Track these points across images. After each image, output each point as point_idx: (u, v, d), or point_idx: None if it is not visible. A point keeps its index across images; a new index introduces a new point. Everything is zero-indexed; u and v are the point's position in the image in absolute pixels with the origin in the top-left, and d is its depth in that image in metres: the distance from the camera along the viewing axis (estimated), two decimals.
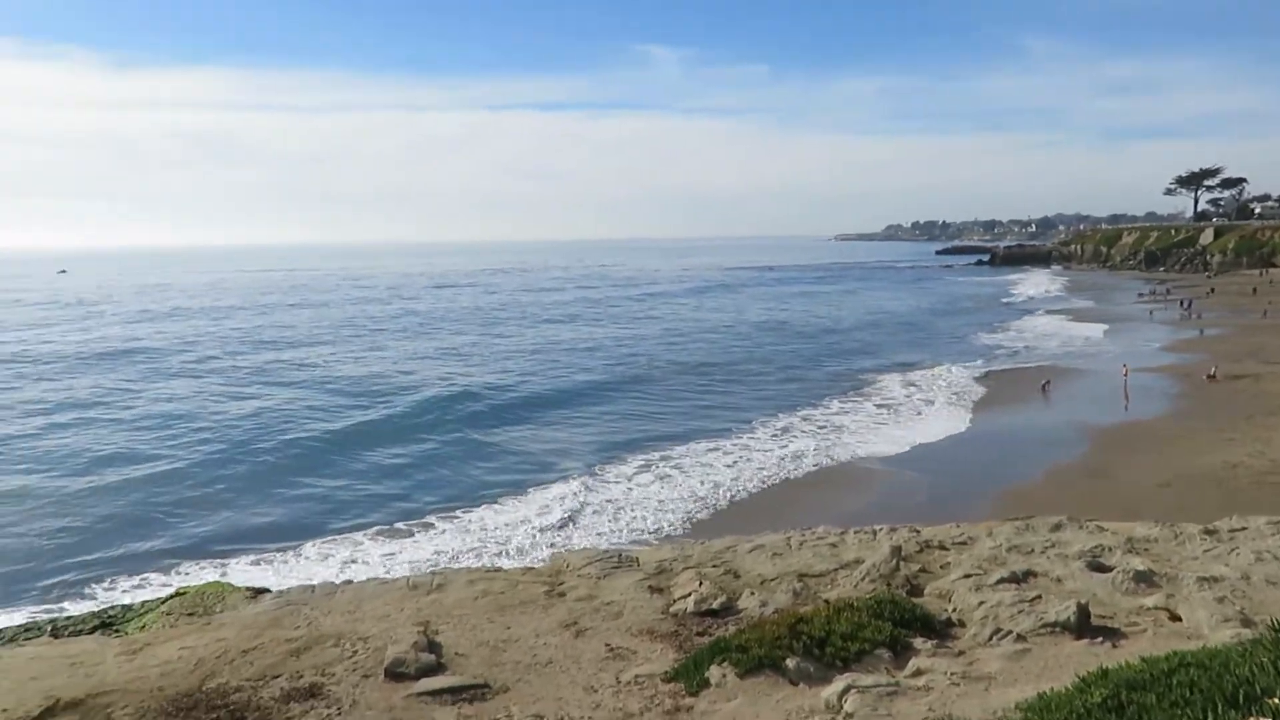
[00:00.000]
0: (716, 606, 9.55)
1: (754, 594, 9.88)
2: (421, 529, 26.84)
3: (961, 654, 8.16)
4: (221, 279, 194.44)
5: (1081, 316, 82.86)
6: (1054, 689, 6.18)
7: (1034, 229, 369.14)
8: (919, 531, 12.23)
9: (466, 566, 15.87)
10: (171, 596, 11.02)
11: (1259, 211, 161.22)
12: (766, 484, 30.59)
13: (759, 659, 7.86)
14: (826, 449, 34.81)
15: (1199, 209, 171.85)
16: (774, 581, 10.31)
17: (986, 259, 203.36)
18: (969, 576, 9.97)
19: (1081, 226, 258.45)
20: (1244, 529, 11.82)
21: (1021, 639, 8.30)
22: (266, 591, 11.00)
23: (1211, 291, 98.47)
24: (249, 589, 11.11)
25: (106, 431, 39.63)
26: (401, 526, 27.00)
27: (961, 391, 46.19)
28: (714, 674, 7.77)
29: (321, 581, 11.29)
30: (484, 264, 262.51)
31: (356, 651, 8.52)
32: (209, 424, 40.99)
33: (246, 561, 24.17)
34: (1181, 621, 8.62)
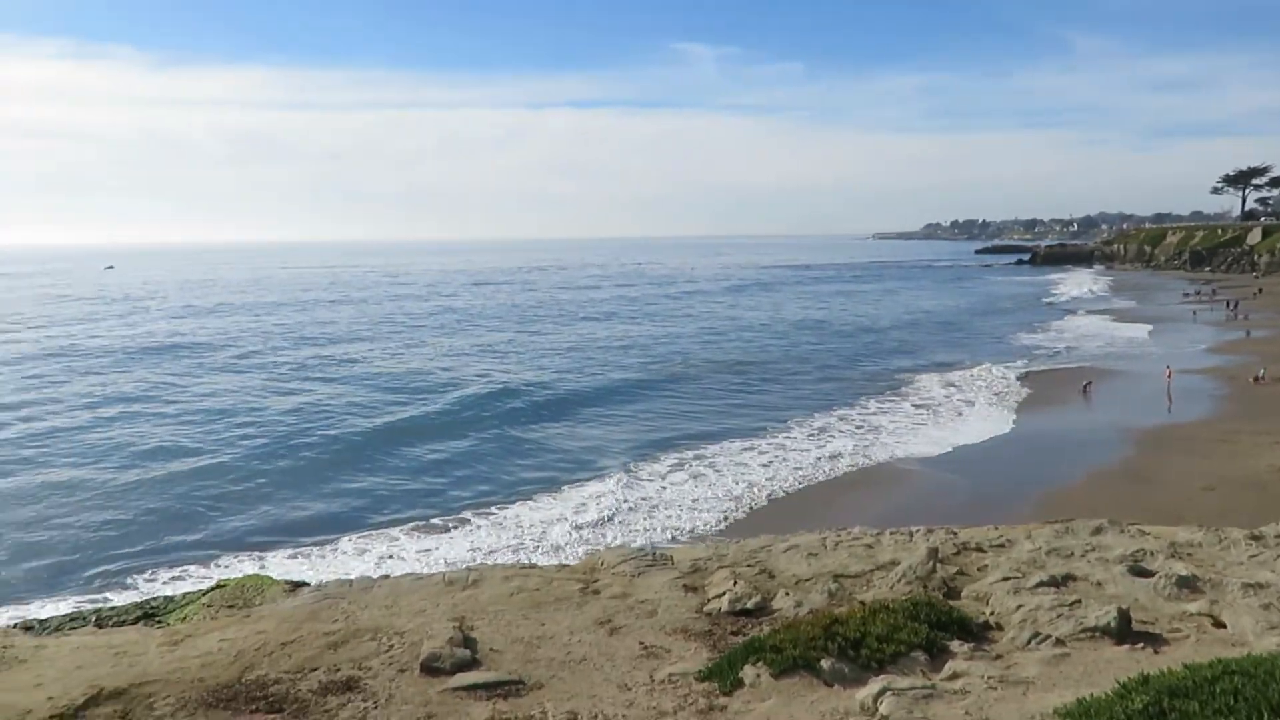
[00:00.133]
0: (751, 606, 9.51)
1: (789, 594, 9.83)
2: (457, 525, 27.04)
3: (999, 658, 8.06)
4: (263, 275, 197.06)
5: (1124, 317, 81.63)
6: (1094, 695, 6.09)
7: (1076, 228, 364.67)
8: (956, 533, 12.10)
9: (502, 563, 15.96)
10: (212, 588, 11.17)
11: None
12: (802, 484, 30.46)
13: (793, 659, 7.82)
14: (864, 449, 34.60)
15: (1246, 208, 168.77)
16: (809, 582, 10.25)
17: (1027, 258, 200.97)
18: (1007, 579, 9.85)
19: (1125, 225, 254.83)
20: None
21: (1061, 643, 8.18)
22: (305, 585, 11.11)
23: (1259, 292, 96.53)
24: (288, 582, 11.23)
25: (150, 425, 40.29)
26: (438, 522, 27.22)
27: (1002, 392, 45.69)
28: (748, 674, 7.75)
29: (359, 576, 11.39)
30: (521, 261, 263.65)
31: (393, 646, 8.58)
32: (251, 419, 41.56)
33: (284, 555, 24.50)
34: (1225, 628, 8.46)
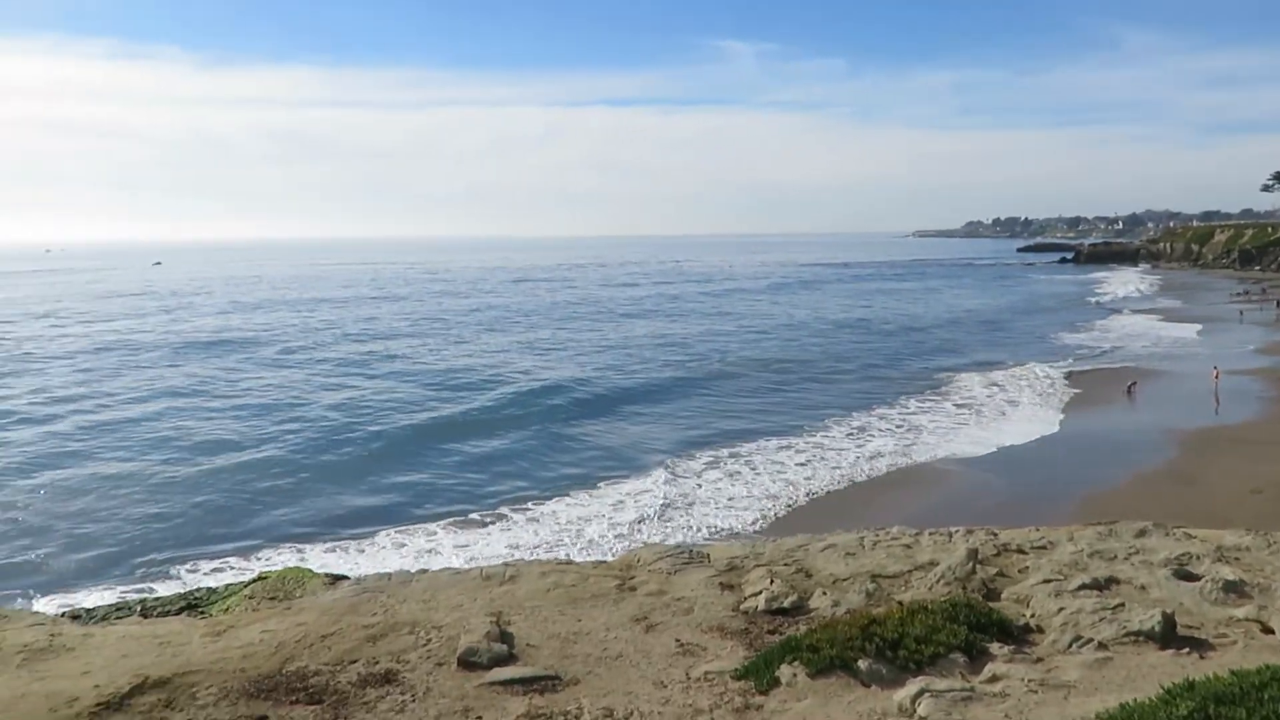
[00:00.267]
0: (787, 605, 9.46)
1: (826, 593, 9.77)
2: (495, 521, 27.20)
3: (1040, 661, 7.96)
4: (306, 272, 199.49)
5: (1171, 316, 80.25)
6: (1137, 700, 5.99)
7: (1120, 226, 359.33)
8: (996, 534, 11.95)
9: (539, 559, 16.03)
10: (253, 581, 11.32)
11: None
12: (840, 483, 30.30)
13: (830, 659, 7.77)
14: (904, 449, 34.33)
15: None
16: (846, 581, 10.19)
17: (1070, 257, 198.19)
18: (1048, 582, 9.71)
19: (1172, 224, 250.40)
20: None
21: (1103, 647, 8.06)
22: (344, 578, 11.22)
23: None
24: (328, 575, 11.36)
25: (196, 420, 40.94)
26: (475, 518, 27.40)
27: (1045, 392, 45.11)
28: (784, 673, 7.71)
29: (397, 570, 11.49)
30: (561, 259, 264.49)
31: (430, 639, 8.65)
32: (294, 414, 42.10)
33: (323, 548, 24.79)
34: (1274, 634, 8.29)
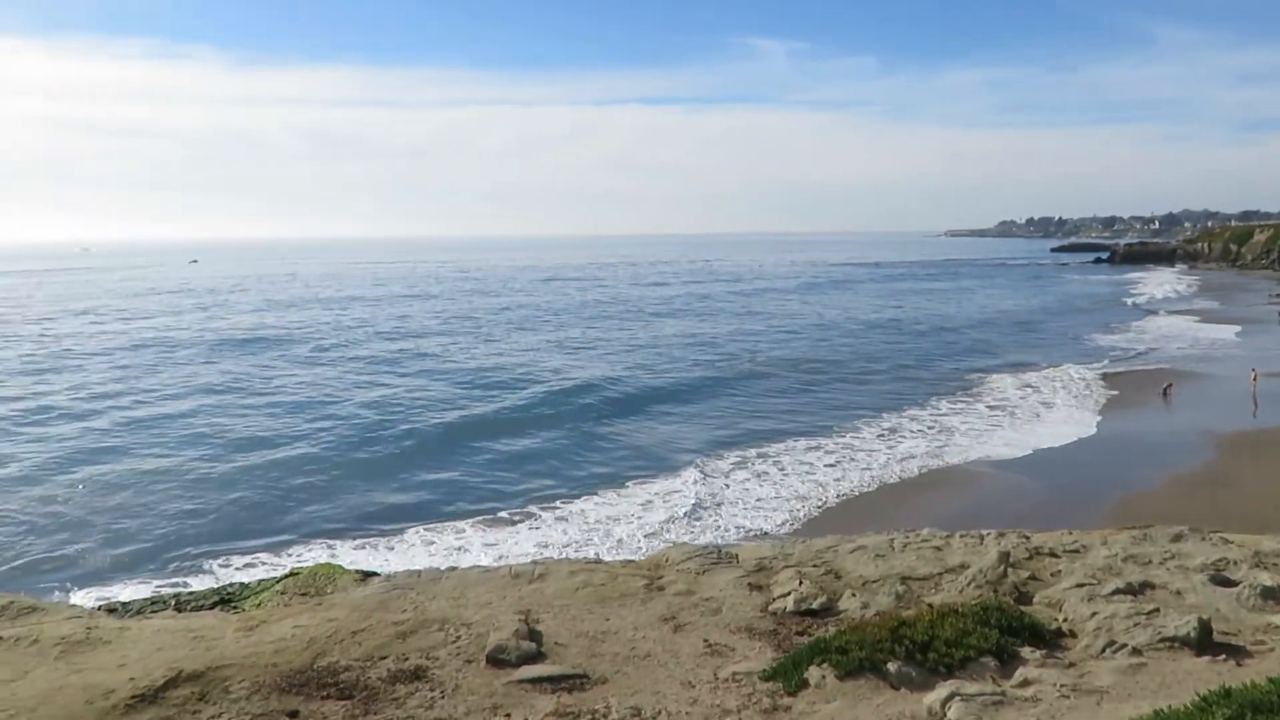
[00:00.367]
0: (816, 606, 9.43)
1: (855, 595, 9.73)
2: (524, 519, 27.30)
3: (1072, 666, 7.88)
4: (339, 270, 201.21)
5: (1208, 318, 79.07)
6: (1172, 707, 5.92)
7: (1157, 226, 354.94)
8: (1028, 538, 11.85)
9: (567, 557, 16.07)
10: (285, 576, 11.43)
11: None
12: (870, 485, 30.13)
13: (859, 661, 7.74)
14: (936, 450, 34.08)
15: None
16: (876, 583, 10.13)
17: (1105, 257, 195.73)
18: (1081, 586, 9.61)
19: (1209, 223, 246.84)
20: None
21: (1137, 653, 7.97)
22: (375, 575, 11.31)
23: None
24: (358, 572, 11.44)
25: (230, 417, 41.40)
26: (505, 516, 27.52)
27: (1081, 394, 44.60)
28: (813, 674, 7.69)
29: (427, 567, 11.56)
30: (591, 258, 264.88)
31: (460, 637, 8.69)
32: (327, 412, 42.47)
33: (352, 545, 25.01)
34: None
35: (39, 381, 50.87)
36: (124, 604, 11.80)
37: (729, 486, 30.11)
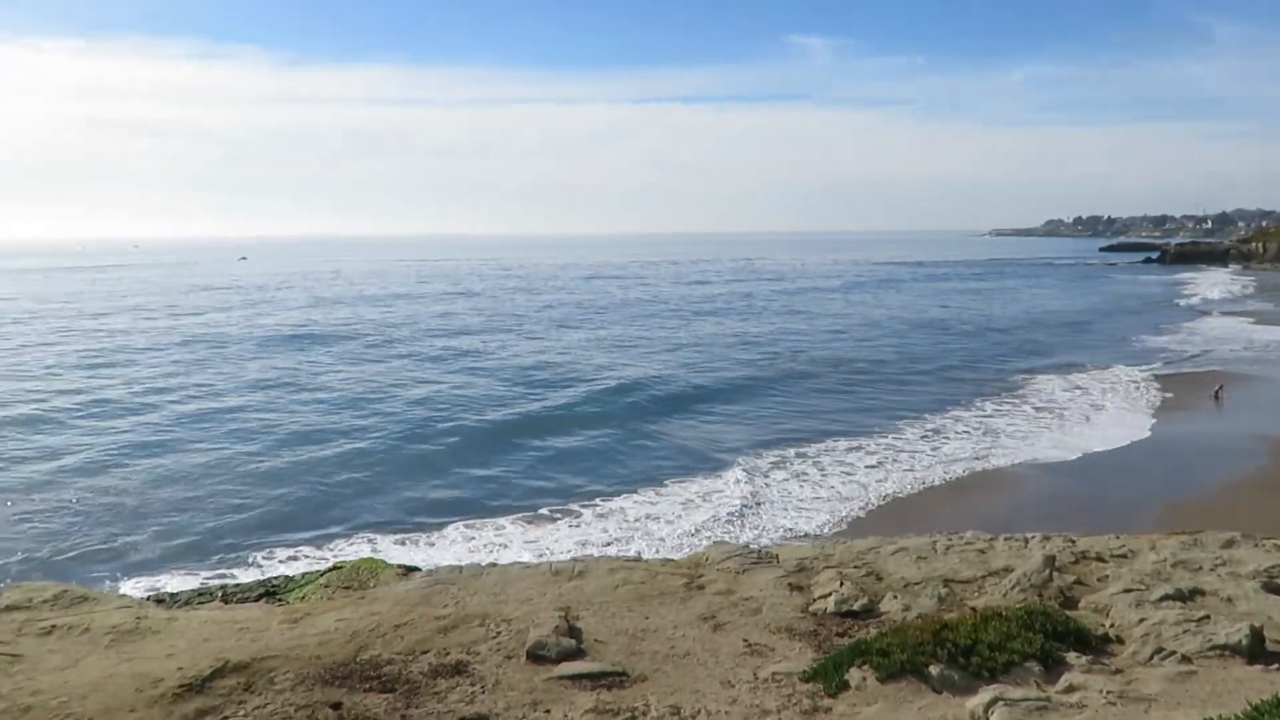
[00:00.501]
0: (857, 608, 9.37)
1: (897, 597, 9.65)
2: (564, 516, 27.40)
3: (1119, 672, 7.75)
4: (382, 267, 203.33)
5: (1264, 319, 77.33)
6: (1222, 716, 5.81)
7: (1210, 225, 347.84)
8: (1074, 541, 11.67)
9: (607, 555, 16.10)
10: (329, 570, 11.57)
11: None
12: (913, 486, 29.86)
13: (901, 664, 7.67)
14: (980, 452, 33.68)
15: None
16: (918, 586, 10.04)
17: (1156, 256, 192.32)
18: (1129, 591, 9.45)
19: (1264, 223, 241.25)
20: None
21: (1186, 660, 7.82)
22: (416, 570, 11.42)
23: None
24: (400, 566, 11.56)
25: (278, 413, 41.98)
26: (545, 513, 27.64)
27: (1132, 396, 43.83)
28: (853, 676, 7.64)
29: (468, 563, 11.65)
30: (631, 256, 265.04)
31: (500, 632, 8.74)
32: (373, 408, 42.92)
33: (393, 540, 25.25)
34: None
35: (95, 376, 51.94)
36: (172, 595, 12.03)
37: (770, 486, 29.98)
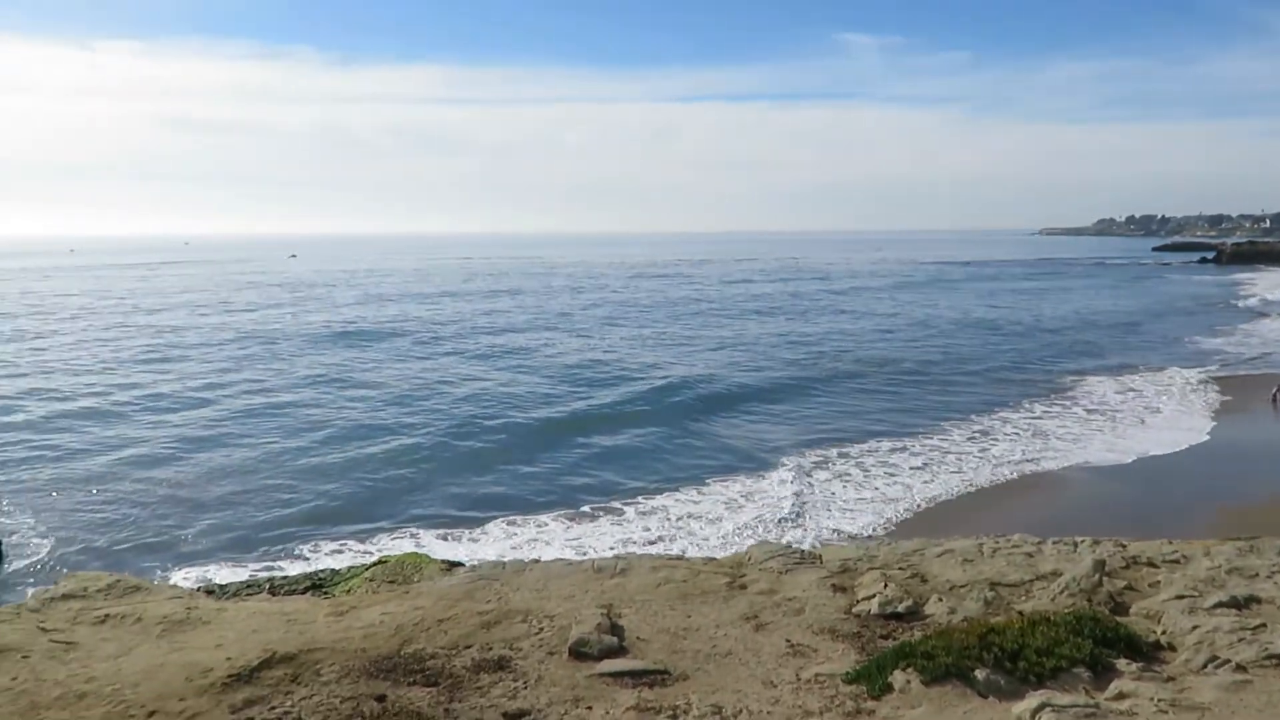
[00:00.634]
0: (902, 610, 9.27)
1: (942, 600, 9.53)
2: (606, 514, 27.46)
3: (1171, 680, 7.59)
4: (430, 265, 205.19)
5: None
6: None
7: (1268, 224, 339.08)
8: (1125, 546, 11.45)
9: (650, 553, 16.10)
10: (374, 564, 11.72)
11: None
12: (960, 488, 29.51)
13: (946, 667, 7.58)
14: (1029, 455, 33.19)
15: None
16: (963, 588, 9.92)
17: (1211, 257, 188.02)
18: (1181, 598, 9.26)
19: None
20: None
21: (1241, 669, 7.64)
22: (460, 565, 11.52)
23: None
24: (444, 561, 11.67)
25: (327, 410, 42.53)
26: (587, 510, 27.74)
27: (1188, 399, 42.93)
28: (897, 679, 7.56)
29: (511, 559, 11.72)
30: (676, 255, 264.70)
31: (543, 628, 8.78)
32: (420, 405, 43.36)
33: (436, 534, 25.49)
34: None
35: (152, 371, 53.04)
36: (221, 586, 12.26)
37: (814, 487, 29.80)
